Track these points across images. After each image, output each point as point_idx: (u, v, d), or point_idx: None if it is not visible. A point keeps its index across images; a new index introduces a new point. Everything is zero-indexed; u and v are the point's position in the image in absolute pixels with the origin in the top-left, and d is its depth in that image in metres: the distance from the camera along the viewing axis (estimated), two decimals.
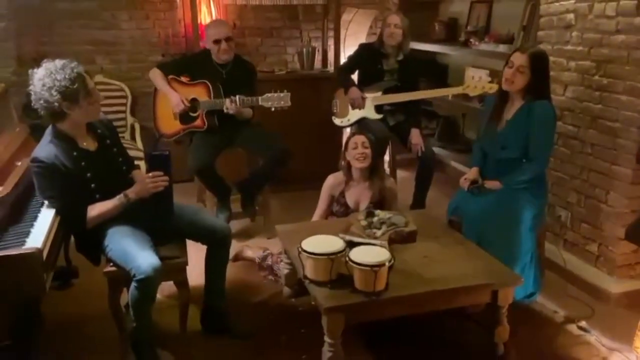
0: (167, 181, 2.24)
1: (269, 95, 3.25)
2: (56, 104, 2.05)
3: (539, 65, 2.56)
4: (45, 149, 2.13)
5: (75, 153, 2.17)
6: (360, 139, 2.85)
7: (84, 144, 2.23)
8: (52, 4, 4.22)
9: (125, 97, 4.41)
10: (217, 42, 3.31)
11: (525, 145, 2.61)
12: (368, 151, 2.84)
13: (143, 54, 4.51)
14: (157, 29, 4.51)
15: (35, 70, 2.10)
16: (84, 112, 2.16)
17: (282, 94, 3.24)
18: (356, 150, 2.83)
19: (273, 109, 3.26)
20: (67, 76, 2.06)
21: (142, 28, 4.49)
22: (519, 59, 2.56)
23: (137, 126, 4.39)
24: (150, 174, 2.22)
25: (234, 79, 3.38)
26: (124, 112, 4.42)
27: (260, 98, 3.25)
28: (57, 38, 4.28)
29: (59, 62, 2.09)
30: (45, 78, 2.05)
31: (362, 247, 2.21)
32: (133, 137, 4.34)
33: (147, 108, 4.27)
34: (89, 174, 2.19)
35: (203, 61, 3.43)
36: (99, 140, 2.29)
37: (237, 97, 3.22)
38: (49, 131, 2.19)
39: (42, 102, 2.06)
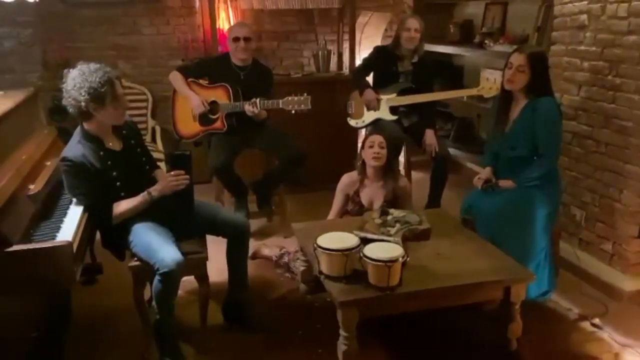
0: (188, 179, 2.33)
1: (290, 98, 3.32)
2: (83, 103, 2.16)
3: (537, 63, 2.61)
4: (74, 148, 2.23)
5: (102, 153, 2.28)
6: (377, 138, 2.90)
7: (110, 144, 2.33)
8: (77, 10, 4.37)
9: (146, 100, 4.54)
10: (236, 39, 3.41)
11: (534, 143, 2.65)
12: (384, 151, 2.89)
13: (163, 58, 4.64)
14: (177, 34, 4.63)
15: (70, 69, 2.23)
16: (109, 115, 2.26)
17: (302, 97, 3.30)
18: (372, 150, 2.89)
19: (294, 112, 3.33)
20: (98, 79, 2.16)
21: (162, 33, 4.62)
22: (518, 59, 2.61)
23: (157, 128, 4.51)
24: (172, 173, 2.32)
25: (251, 82, 3.47)
26: (145, 115, 4.55)
27: (281, 101, 3.33)
28: (81, 44, 4.42)
29: (93, 65, 2.21)
30: (77, 78, 2.16)
31: (376, 243, 2.28)
32: (154, 139, 4.46)
33: (167, 111, 4.37)
34: (114, 173, 2.29)
35: (222, 64, 3.53)
36: (124, 140, 2.39)
37: (258, 100, 3.30)
38: (77, 132, 2.31)
39: (71, 99, 2.18)
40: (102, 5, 4.41)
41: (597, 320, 2.62)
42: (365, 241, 2.29)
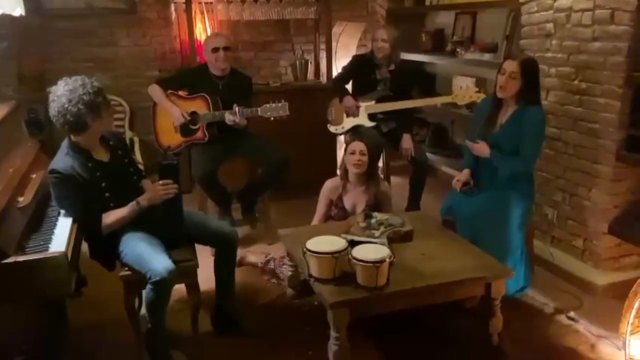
0: (177, 188, 2.37)
1: (268, 105, 3.38)
2: (83, 117, 2.18)
3: (529, 71, 2.70)
4: (63, 160, 2.25)
5: (90, 164, 2.30)
6: (359, 145, 2.96)
7: (98, 155, 2.36)
8: (53, 23, 4.34)
9: (124, 112, 4.54)
10: (215, 50, 3.45)
11: (517, 146, 2.75)
12: (365, 158, 2.97)
13: (140, 69, 4.64)
14: (154, 45, 4.64)
15: (52, 88, 2.23)
16: (104, 123, 2.31)
17: (280, 104, 3.37)
18: (354, 156, 2.97)
19: (272, 119, 3.39)
20: (90, 90, 2.20)
21: (139, 45, 4.63)
22: (511, 66, 2.70)
23: (136, 140, 4.51)
24: (161, 182, 2.35)
25: (230, 91, 3.51)
26: (123, 126, 4.55)
27: (259, 109, 3.38)
28: (58, 56, 4.39)
29: (75, 78, 2.23)
30: (70, 94, 2.17)
31: (363, 245, 2.35)
32: (132, 151, 4.45)
33: (145, 122, 4.40)
34: (103, 184, 2.32)
35: (200, 74, 3.57)
36: (111, 151, 2.42)
37: (237, 108, 3.36)
38: (64, 144, 2.32)
39: (68, 116, 2.17)
40: (79, 18, 4.40)
41: (572, 314, 2.75)
42: (352, 243, 2.36)
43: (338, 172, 4.40)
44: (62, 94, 2.18)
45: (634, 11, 2.56)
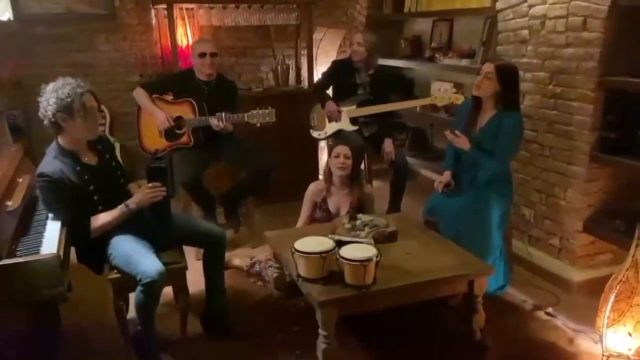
0: (165, 191, 2.39)
1: (254, 112, 3.40)
2: (50, 113, 2.22)
3: (505, 75, 2.80)
4: (51, 164, 2.25)
5: (78, 167, 2.31)
6: (343, 149, 3.02)
7: (86, 159, 2.37)
8: (31, 28, 4.30)
9: (104, 117, 4.51)
10: (202, 55, 3.47)
11: (494, 149, 2.85)
12: (349, 162, 3.03)
13: (121, 75, 4.64)
14: (134, 50, 4.63)
15: (44, 86, 2.29)
16: (79, 128, 2.30)
17: (267, 111, 3.39)
18: (338, 160, 3.02)
19: (259, 125, 3.42)
20: (67, 91, 2.23)
21: (119, 50, 4.62)
22: (487, 67, 2.82)
23: (117, 145, 4.48)
24: (149, 185, 2.37)
25: (216, 96, 3.54)
26: (104, 131, 4.51)
27: (246, 115, 3.41)
28: (36, 61, 4.34)
29: (67, 79, 2.28)
30: (50, 90, 2.24)
31: (350, 245, 2.40)
32: None
33: (126, 127, 4.39)
34: (92, 187, 2.33)
35: (186, 79, 3.59)
36: (99, 155, 2.43)
37: (223, 114, 3.38)
38: (52, 147, 2.33)
39: (42, 110, 2.24)
40: (57, 23, 4.37)
41: (550, 310, 2.85)
42: (339, 244, 2.41)
43: (320, 176, 4.48)
44: (46, 91, 2.24)
45: (605, 18, 2.67)
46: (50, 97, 2.22)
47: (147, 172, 2.41)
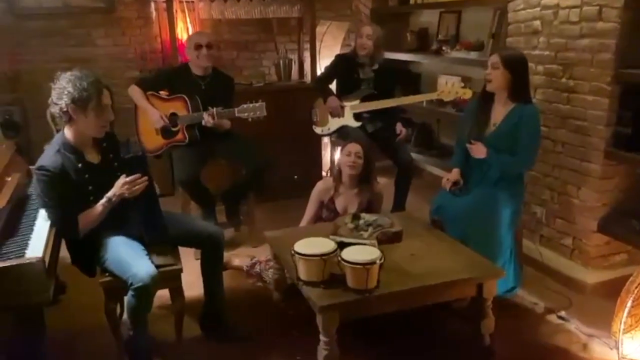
0: (147, 180, 2.28)
1: (245, 106, 3.28)
2: (64, 104, 2.13)
3: (513, 64, 2.68)
4: (53, 158, 2.17)
5: (80, 165, 2.23)
6: (355, 147, 2.93)
7: (89, 156, 2.29)
8: (27, 22, 4.22)
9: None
10: (198, 47, 3.37)
11: (512, 146, 2.71)
12: (360, 161, 2.93)
13: (120, 70, 4.53)
14: (134, 45, 4.54)
15: (60, 73, 2.21)
16: (90, 123, 2.21)
17: (257, 104, 3.27)
18: (349, 158, 2.92)
19: (250, 120, 3.30)
20: (86, 84, 2.14)
21: (118, 45, 4.53)
22: (493, 58, 2.72)
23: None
24: (128, 179, 2.24)
25: (212, 91, 3.44)
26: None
27: (236, 109, 3.29)
28: (32, 56, 4.27)
29: (85, 71, 2.19)
30: (66, 81, 2.15)
31: (353, 247, 2.29)
32: None
33: (124, 123, 4.26)
34: (90, 187, 2.24)
35: (182, 74, 3.49)
36: (102, 153, 2.35)
37: (214, 109, 3.27)
38: (56, 140, 2.25)
39: (56, 99, 2.15)
40: (54, 17, 4.29)
41: (563, 313, 2.73)
42: (341, 245, 2.30)
43: (324, 173, 4.38)
44: (62, 79, 2.16)
45: (621, 7, 2.55)
46: (67, 86, 2.13)
47: (125, 164, 2.31)
